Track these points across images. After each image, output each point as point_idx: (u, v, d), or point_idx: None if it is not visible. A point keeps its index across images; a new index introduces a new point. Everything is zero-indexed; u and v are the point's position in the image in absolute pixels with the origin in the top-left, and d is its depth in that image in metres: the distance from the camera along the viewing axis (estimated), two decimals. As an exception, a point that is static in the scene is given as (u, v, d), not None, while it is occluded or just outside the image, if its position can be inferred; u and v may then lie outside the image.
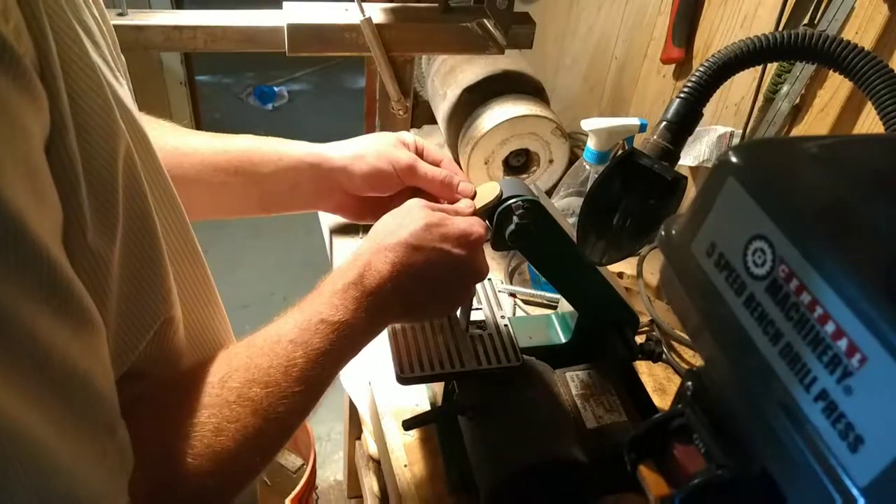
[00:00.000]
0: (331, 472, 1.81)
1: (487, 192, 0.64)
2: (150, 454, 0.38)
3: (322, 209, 0.71)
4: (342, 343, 0.48)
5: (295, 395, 0.45)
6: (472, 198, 0.65)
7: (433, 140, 1.16)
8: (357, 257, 0.53)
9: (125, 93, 0.39)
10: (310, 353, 0.46)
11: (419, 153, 0.67)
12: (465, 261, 0.55)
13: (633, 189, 0.53)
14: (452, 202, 0.64)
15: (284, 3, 0.86)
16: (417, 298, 0.55)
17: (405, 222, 0.54)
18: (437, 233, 0.54)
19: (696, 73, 0.50)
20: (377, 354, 0.81)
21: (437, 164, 0.68)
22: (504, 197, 0.64)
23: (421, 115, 1.23)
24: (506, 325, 0.70)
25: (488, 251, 0.64)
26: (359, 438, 1.37)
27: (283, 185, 0.66)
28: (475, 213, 0.62)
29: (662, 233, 0.42)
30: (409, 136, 0.68)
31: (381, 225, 0.56)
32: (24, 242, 0.27)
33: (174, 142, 0.63)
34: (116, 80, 0.37)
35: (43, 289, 0.28)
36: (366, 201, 0.69)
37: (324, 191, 0.67)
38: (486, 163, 0.97)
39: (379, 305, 0.51)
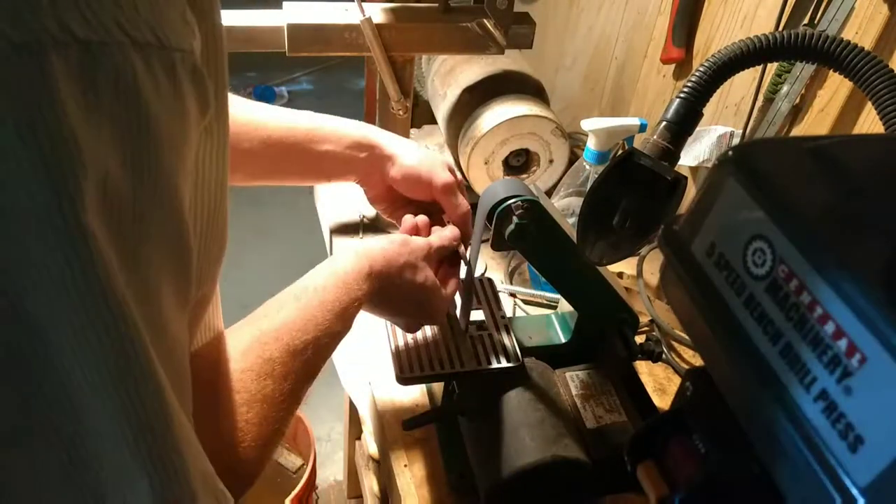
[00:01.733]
0: (331, 472, 1.81)
1: None
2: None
3: (358, 183, 0.76)
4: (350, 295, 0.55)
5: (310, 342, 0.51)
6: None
7: (433, 140, 1.16)
8: (370, 275, 0.58)
9: None
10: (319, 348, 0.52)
11: (459, 185, 0.73)
12: (421, 320, 0.65)
13: (633, 189, 0.53)
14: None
15: (284, 3, 0.86)
16: (384, 316, 0.64)
17: (412, 267, 0.61)
18: (426, 296, 0.62)
19: (696, 73, 0.50)
20: (377, 354, 0.81)
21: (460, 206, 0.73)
22: (504, 197, 0.64)
23: (421, 115, 1.23)
24: (506, 325, 0.70)
25: (488, 251, 0.65)
26: (359, 438, 1.37)
27: (339, 163, 0.72)
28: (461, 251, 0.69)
29: (662, 233, 0.42)
30: (454, 167, 0.74)
31: (394, 253, 0.61)
32: (186, 244, 0.32)
33: (244, 115, 0.69)
34: None
35: (187, 288, 0.33)
36: (392, 195, 0.75)
37: (367, 170, 0.73)
38: (486, 163, 0.97)
39: (377, 275, 0.57)
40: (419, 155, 0.71)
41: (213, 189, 0.37)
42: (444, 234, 0.67)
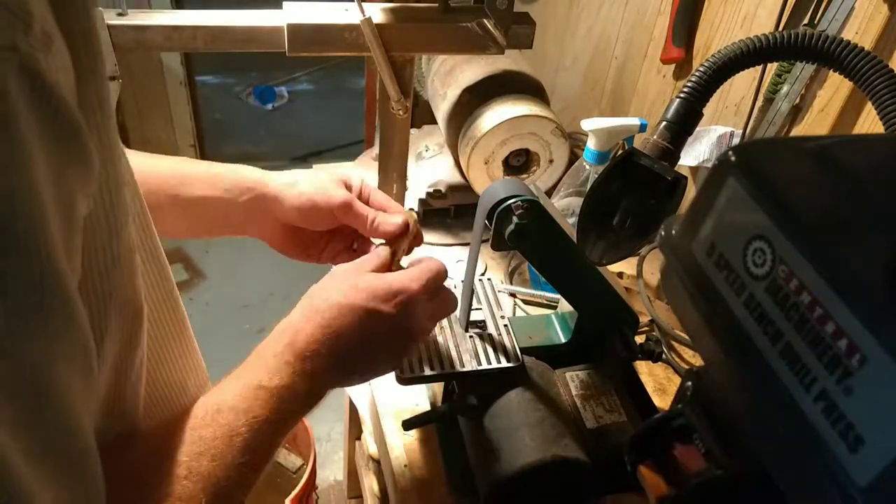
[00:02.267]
0: (331, 472, 1.81)
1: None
2: None
3: (252, 235, 0.67)
4: (283, 408, 0.47)
5: (239, 466, 0.44)
6: (399, 232, 0.63)
7: (433, 140, 1.16)
8: (289, 321, 0.52)
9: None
10: (251, 421, 0.45)
11: (364, 196, 0.65)
12: (397, 319, 0.53)
13: (633, 189, 0.53)
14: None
15: (284, 3, 0.86)
16: (354, 362, 0.53)
17: (336, 284, 0.54)
18: (368, 293, 0.53)
19: (696, 73, 0.50)
20: (377, 354, 0.81)
21: (382, 209, 0.65)
22: (504, 197, 0.64)
23: (421, 115, 1.23)
24: (506, 325, 0.70)
25: (488, 251, 0.64)
26: (359, 438, 1.37)
27: (216, 210, 0.63)
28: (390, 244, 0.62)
29: (662, 233, 0.42)
30: (356, 177, 0.66)
31: (317, 288, 0.55)
32: (66, 303, 0.27)
33: None
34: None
35: (77, 351, 0.28)
36: (298, 238, 0.67)
37: (256, 216, 0.65)
38: (486, 163, 0.97)
39: (314, 370, 0.50)
40: (307, 181, 0.63)
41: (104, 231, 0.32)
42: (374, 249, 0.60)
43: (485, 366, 0.65)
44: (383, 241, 0.62)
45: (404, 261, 0.63)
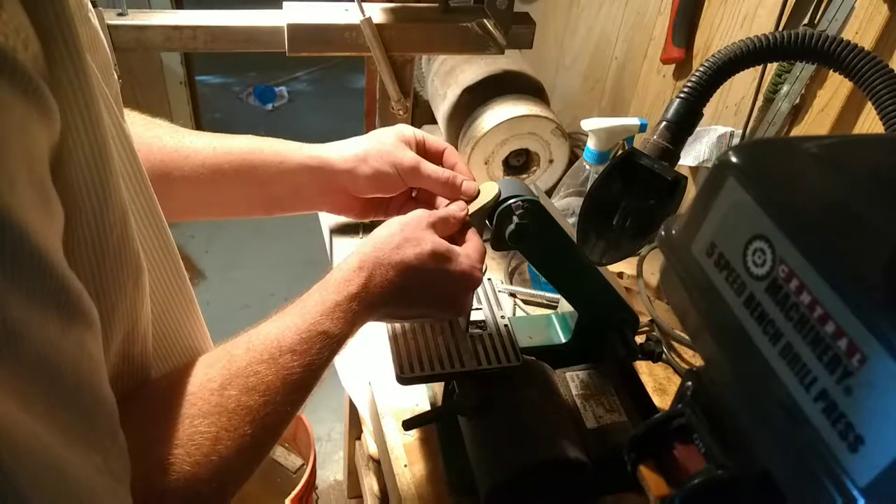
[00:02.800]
0: (331, 472, 1.81)
1: (487, 192, 0.64)
2: (146, 460, 0.37)
3: (325, 210, 0.70)
4: (336, 354, 0.50)
5: (287, 404, 0.46)
6: (475, 197, 0.65)
7: (433, 140, 1.16)
8: (361, 267, 0.53)
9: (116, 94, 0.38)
10: (307, 364, 0.47)
11: (420, 146, 0.67)
12: (455, 299, 0.58)
13: (633, 189, 0.53)
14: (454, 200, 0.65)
15: (284, 3, 0.86)
16: (402, 312, 0.57)
17: (411, 242, 0.55)
18: (441, 266, 0.56)
19: (696, 73, 0.50)
20: (377, 354, 0.81)
21: (439, 154, 0.67)
22: (504, 197, 0.64)
23: (421, 115, 1.23)
24: (506, 325, 0.70)
25: (488, 251, 0.64)
26: (359, 438, 1.37)
27: (285, 188, 0.66)
28: (468, 216, 0.63)
29: (662, 233, 0.42)
30: (409, 129, 0.67)
31: (386, 234, 0.56)
32: (31, 254, 0.26)
33: (172, 143, 0.62)
34: (108, 84, 0.37)
35: (52, 298, 0.28)
36: (369, 200, 0.69)
37: (327, 194, 0.67)
38: (486, 163, 0.97)
39: (373, 316, 0.53)
40: (373, 153, 0.64)
41: (94, 204, 0.32)
42: (445, 209, 0.62)
43: (485, 366, 0.65)
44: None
45: None
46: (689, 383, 0.45)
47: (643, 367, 0.85)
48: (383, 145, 0.64)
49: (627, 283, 0.96)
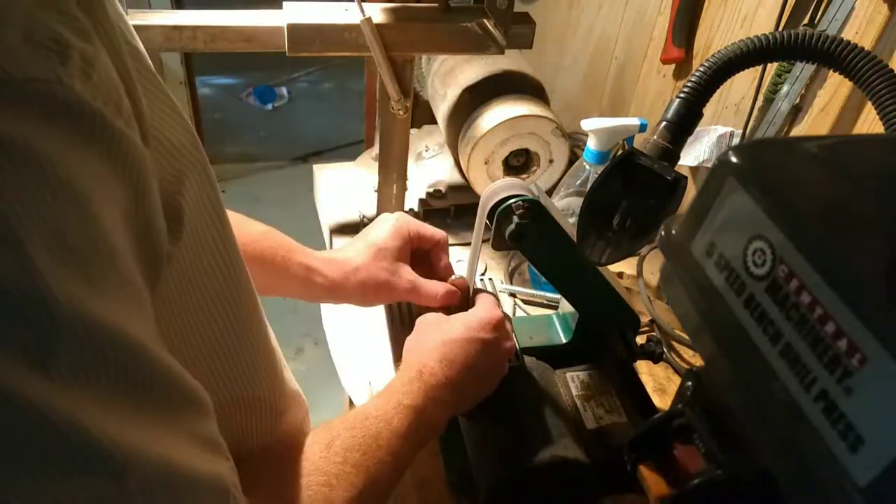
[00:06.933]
0: (331, 472, 1.81)
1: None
2: None
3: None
4: (417, 424, 0.54)
5: (383, 463, 0.49)
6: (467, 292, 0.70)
7: (433, 140, 1.16)
8: (409, 363, 0.59)
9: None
10: (392, 428, 0.52)
11: (414, 239, 0.70)
12: (495, 342, 0.63)
13: (633, 189, 0.53)
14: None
15: (284, 3, 0.86)
16: (468, 385, 0.61)
17: (435, 327, 0.63)
18: (466, 327, 0.62)
19: (696, 73, 0.50)
20: (377, 354, 0.81)
21: (434, 243, 0.72)
22: (504, 197, 0.64)
23: (421, 115, 1.23)
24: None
25: (489, 251, 0.64)
26: (359, 438, 1.37)
27: (273, 287, 0.66)
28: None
29: (662, 233, 0.42)
30: (405, 226, 0.70)
31: (420, 337, 0.63)
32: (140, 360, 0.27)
33: None
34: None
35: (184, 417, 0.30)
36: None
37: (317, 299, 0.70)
38: (486, 163, 0.97)
39: (438, 396, 0.57)
40: (371, 283, 0.67)
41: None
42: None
43: (485, 366, 0.65)
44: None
45: None
46: (689, 383, 0.45)
47: (643, 367, 0.84)
48: (379, 272, 0.67)
49: (627, 283, 0.96)
